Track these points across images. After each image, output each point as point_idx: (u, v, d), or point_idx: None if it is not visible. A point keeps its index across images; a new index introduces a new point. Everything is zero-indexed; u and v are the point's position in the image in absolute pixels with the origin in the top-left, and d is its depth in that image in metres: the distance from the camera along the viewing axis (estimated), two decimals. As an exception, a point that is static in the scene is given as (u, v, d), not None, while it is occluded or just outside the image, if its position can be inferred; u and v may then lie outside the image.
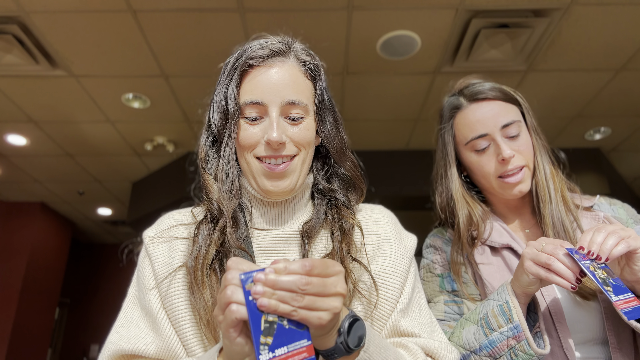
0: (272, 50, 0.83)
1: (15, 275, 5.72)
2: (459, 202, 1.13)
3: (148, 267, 0.85)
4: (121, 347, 0.77)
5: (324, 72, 0.90)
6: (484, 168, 1.09)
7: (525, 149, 1.08)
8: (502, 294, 0.93)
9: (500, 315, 0.91)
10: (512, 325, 0.89)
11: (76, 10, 2.69)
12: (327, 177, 0.92)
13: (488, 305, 0.95)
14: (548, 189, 1.08)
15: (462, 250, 1.09)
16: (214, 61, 0.92)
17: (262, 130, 0.82)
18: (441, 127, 1.19)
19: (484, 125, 1.08)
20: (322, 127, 0.88)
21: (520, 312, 0.89)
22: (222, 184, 0.82)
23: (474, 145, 1.10)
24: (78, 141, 4.35)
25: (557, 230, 1.05)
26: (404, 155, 4.53)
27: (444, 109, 1.20)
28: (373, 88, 3.55)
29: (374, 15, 2.78)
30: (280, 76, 0.82)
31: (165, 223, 0.90)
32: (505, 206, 1.16)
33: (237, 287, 0.57)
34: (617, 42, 3.01)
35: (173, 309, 0.79)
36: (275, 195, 0.84)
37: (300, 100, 0.82)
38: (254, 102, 0.81)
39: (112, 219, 6.62)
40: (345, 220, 0.86)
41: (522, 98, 1.15)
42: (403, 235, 0.91)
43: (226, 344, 0.60)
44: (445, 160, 1.17)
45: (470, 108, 1.11)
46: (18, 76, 3.32)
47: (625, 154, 4.58)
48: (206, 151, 0.88)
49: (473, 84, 1.16)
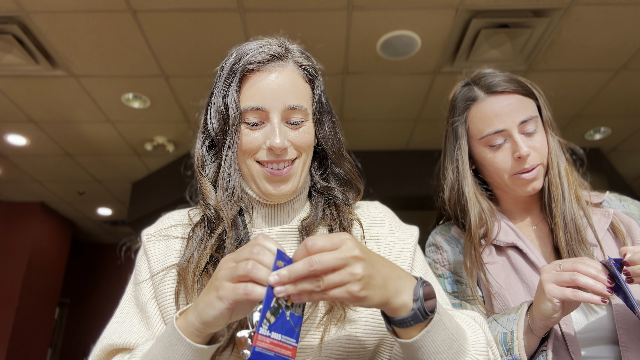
0: (271, 55, 0.83)
1: (15, 275, 5.72)
2: (471, 200, 1.08)
3: (144, 263, 0.86)
4: (112, 341, 0.78)
5: (321, 74, 0.91)
6: (499, 165, 1.06)
7: (541, 146, 1.05)
8: (512, 322, 0.89)
9: (501, 344, 0.89)
10: (512, 358, 0.87)
11: (76, 10, 2.69)
12: (325, 176, 0.92)
13: (495, 330, 0.92)
14: (562, 187, 1.05)
15: (475, 251, 1.05)
16: (214, 61, 0.92)
17: (263, 135, 0.82)
18: (454, 120, 1.13)
19: (501, 120, 1.03)
20: (320, 129, 0.88)
21: (522, 346, 0.86)
22: (223, 190, 0.82)
23: (489, 141, 1.06)
24: (78, 141, 4.35)
25: (569, 230, 1.02)
26: (404, 155, 4.53)
27: (457, 99, 1.14)
28: (373, 88, 3.55)
29: (374, 15, 2.78)
30: (281, 81, 0.82)
31: (165, 223, 0.92)
32: (514, 203, 1.14)
33: (260, 265, 0.58)
34: (617, 42, 3.01)
35: (164, 305, 0.80)
36: (276, 198, 0.85)
37: (301, 105, 0.83)
38: (255, 108, 0.81)
39: (112, 219, 6.62)
40: (344, 215, 0.86)
41: (539, 91, 1.10)
42: (402, 228, 0.91)
43: (205, 302, 0.62)
44: (458, 154, 1.11)
45: (488, 101, 1.06)
46: (18, 76, 3.32)
47: (625, 154, 4.58)
48: (203, 155, 0.88)
49: (489, 74, 1.10)
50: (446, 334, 0.66)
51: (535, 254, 1.04)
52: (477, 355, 0.70)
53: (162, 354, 0.66)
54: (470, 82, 1.13)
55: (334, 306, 0.76)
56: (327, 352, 0.76)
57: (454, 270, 1.10)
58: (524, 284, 1.02)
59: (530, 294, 1.01)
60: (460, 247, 1.12)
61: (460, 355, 0.68)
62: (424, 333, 0.64)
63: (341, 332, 0.76)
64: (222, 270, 0.61)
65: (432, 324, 0.64)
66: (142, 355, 0.71)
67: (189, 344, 0.64)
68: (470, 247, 1.06)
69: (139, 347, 0.75)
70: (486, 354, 0.72)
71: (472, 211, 1.07)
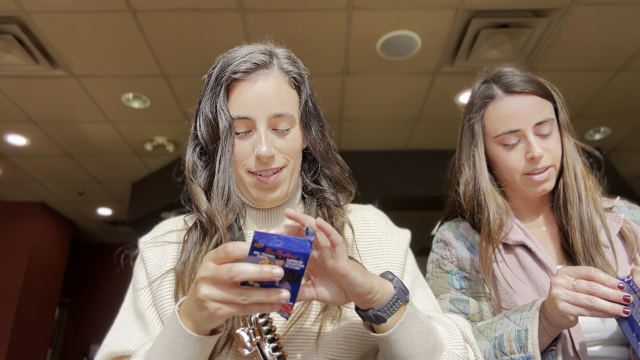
0: (255, 64, 0.83)
1: (15, 275, 5.72)
2: (488, 195, 1.09)
3: (142, 270, 0.88)
4: (112, 349, 0.80)
5: (308, 78, 0.91)
6: (511, 164, 1.07)
7: (554, 148, 1.05)
8: (525, 320, 0.89)
9: (515, 341, 0.88)
10: (525, 356, 0.86)
11: (76, 10, 2.69)
12: (315, 178, 0.93)
13: (507, 326, 0.92)
14: (578, 189, 1.05)
15: (493, 244, 1.05)
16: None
17: (251, 144, 0.83)
18: (470, 116, 1.13)
19: (517, 120, 1.04)
20: (307, 134, 0.89)
21: (537, 344, 0.86)
22: (218, 199, 0.83)
23: (503, 140, 1.07)
24: (78, 141, 4.35)
25: (586, 232, 1.02)
26: (404, 155, 4.53)
27: (475, 97, 1.14)
28: (373, 88, 3.55)
29: (374, 15, 2.78)
30: (266, 90, 0.82)
31: (160, 229, 0.94)
32: (524, 202, 1.14)
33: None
34: (617, 42, 3.01)
35: (163, 309, 0.81)
36: (267, 204, 0.87)
37: (287, 112, 0.83)
38: (241, 117, 0.82)
39: (112, 219, 6.62)
40: (335, 218, 0.87)
41: (557, 93, 1.11)
42: (395, 231, 0.93)
43: (202, 319, 0.64)
44: (475, 151, 1.12)
45: (505, 100, 1.07)
46: (18, 76, 3.32)
47: (625, 154, 4.57)
48: (194, 162, 0.89)
49: (509, 73, 1.11)
50: (421, 327, 0.69)
51: (544, 253, 1.04)
52: (454, 349, 0.73)
53: (166, 348, 0.67)
54: (489, 80, 1.13)
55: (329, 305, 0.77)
56: (323, 348, 0.76)
57: (462, 266, 1.11)
58: (532, 282, 1.02)
59: (537, 293, 1.01)
60: (469, 244, 1.13)
61: (437, 350, 0.71)
62: (399, 325, 0.68)
63: (337, 329, 0.77)
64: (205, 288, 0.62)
65: (405, 315, 0.68)
66: (145, 353, 0.72)
67: (190, 334, 0.66)
68: (487, 242, 1.06)
69: (141, 347, 0.76)
70: (464, 350, 0.74)
71: (490, 205, 1.07)
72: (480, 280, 1.07)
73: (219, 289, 0.60)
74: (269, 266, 0.58)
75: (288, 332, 0.77)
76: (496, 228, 1.06)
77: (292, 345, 0.76)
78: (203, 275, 0.61)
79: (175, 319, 0.67)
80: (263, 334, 0.72)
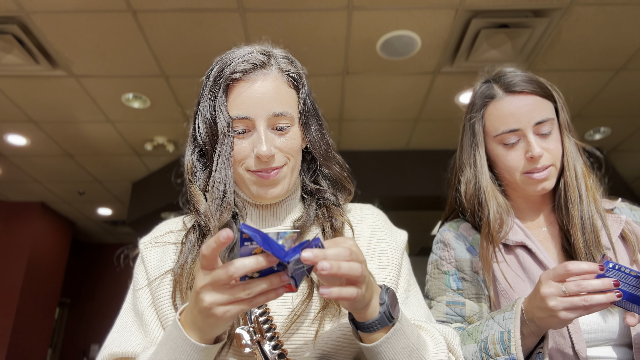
0: (253, 64, 0.84)
1: (15, 275, 5.72)
2: (489, 193, 1.09)
3: (142, 271, 0.88)
4: (112, 350, 0.80)
5: (306, 78, 0.91)
6: (510, 163, 1.07)
7: (554, 148, 1.06)
8: (507, 321, 0.90)
9: (499, 344, 0.89)
10: (509, 357, 0.87)
11: (76, 10, 2.70)
12: (314, 177, 0.93)
13: (492, 328, 0.93)
14: (579, 188, 1.06)
15: (493, 243, 1.05)
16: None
17: (250, 144, 0.83)
18: (471, 116, 1.14)
19: (517, 120, 1.05)
20: (307, 133, 0.89)
21: (520, 345, 0.86)
22: (212, 199, 0.83)
23: (503, 139, 1.07)
24: (78, 141, 4.36)
25: (587, 231, 1.02)
26: (404, 155, 4.53)
27: (475, 96, 1.15)
28: (373, 88, 3.55)
29: (374, 15, 2.78)
30: (264, 89, 0.83)
31: (160, 230, 0.94)
32: (525, 202, 1.14)
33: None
34: (617, 42, 3.01)
35: (162, 309, 0.82)
36: (267, 200, 0.87)
37: (286, 111, 0.84)
38: (240, 117, 0.82)
39: (112, 219, 6.62)
40: (335, 218, 0.87)
41: (558, 93, 1.12)
42: (393, 231, 0.93)
43: (207, 325, 0.64)
44: (475, 150, 1.13)
45: (506, 100, 1.07)
46: (18, 76, 3.32)
47: (625, 154, 4.58)
48: (193, 163, 0.89)
49: (509, 73, 1.11)
50: (406, 343, 0.70)
51: (544, 254, 1.04)
52: None
53: (169, 357, 0.67)
54: (490, 80, 1.14)
55: (329, 302, 0.78)
56: (321, 345, 0.77)
57: (460, 267, 1.11)
58: (532, 283, 1.02)
59: None
60: (469, 244, 1.13)
61: None
62: (384, 339, 0.68)
63: (335, 326, 0.78)
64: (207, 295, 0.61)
65: (392, 331, 0.68)
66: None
67: (195, 344, 0.66)
68: (488, 241, 1.06)
69: (141, 356, 0.76)
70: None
71: (490, 204, 1.08)
72: (478, 282, 1.07)
73: (222, 293, 0.59)
74: (263, 254, 0.57)
75: (288, 330, 0.77)
76: (496, 227, 1.06)
77: (291, 343, 0.77)
78: (202, 284, 0.60)
79: (177, 329, 0.67)
80: (263, 332, 0.73)
